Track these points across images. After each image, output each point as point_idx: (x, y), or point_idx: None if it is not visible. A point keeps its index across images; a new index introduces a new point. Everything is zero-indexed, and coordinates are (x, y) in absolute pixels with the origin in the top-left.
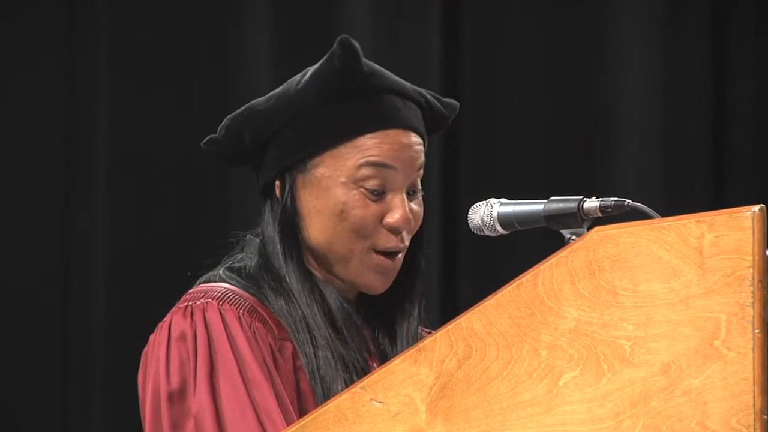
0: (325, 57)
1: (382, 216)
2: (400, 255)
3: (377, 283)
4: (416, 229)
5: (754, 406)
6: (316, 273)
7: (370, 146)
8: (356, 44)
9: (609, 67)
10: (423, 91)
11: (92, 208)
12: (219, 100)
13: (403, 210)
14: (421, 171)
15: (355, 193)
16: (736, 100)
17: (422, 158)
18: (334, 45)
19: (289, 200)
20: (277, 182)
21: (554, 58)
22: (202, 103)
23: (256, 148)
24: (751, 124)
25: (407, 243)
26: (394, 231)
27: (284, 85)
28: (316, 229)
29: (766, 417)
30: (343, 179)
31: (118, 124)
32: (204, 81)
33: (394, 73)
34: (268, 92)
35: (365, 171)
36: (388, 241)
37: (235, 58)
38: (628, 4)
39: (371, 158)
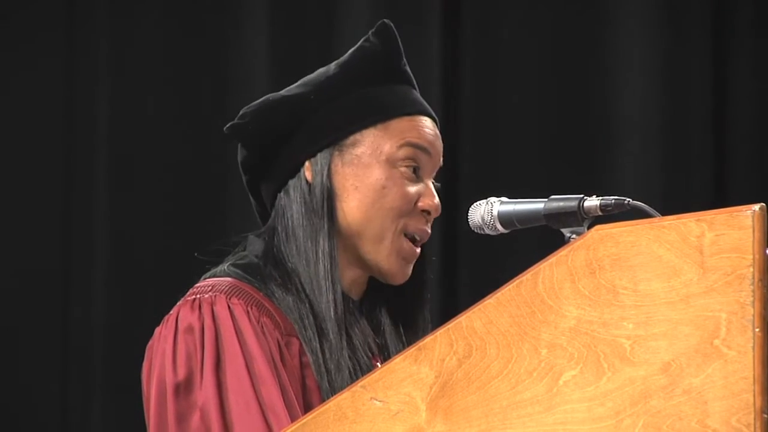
0: (363, 41)
1: (417, 199)
2: (419, 247)
3: (401, 271)
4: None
5: (754, 404)
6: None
7: (409, 128)
8: (396, 32)
9: (609, 67)
10: None
11: (92, 208)
12: (218, 100)
13: (435, 196)
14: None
15: (395, 172)
16: (736, 100)
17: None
18: (375, 28)
19: (324, 177)
20: (307, 163)
21: (554, 58)
22: (201, 103)
23: (285, 133)
24: (751, 124)
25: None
26: (426, 215)
27: (311, 76)
28: (354, 206)
29: (766, 416)
30: (383, 157)
31: (118, 124)
32: (203, 81)
33: None
34: (267, 93)
35: (405, 151)
36: (420, 224)
37: (234, 58)
38: (628, 3)
39: (412, 139)
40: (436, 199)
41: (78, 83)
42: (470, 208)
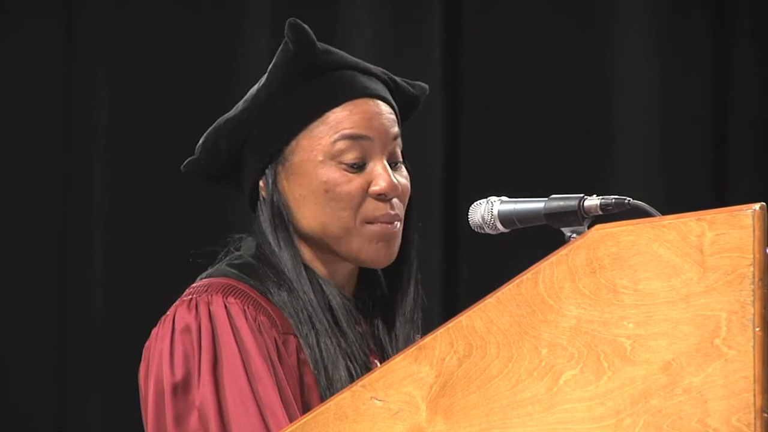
0: (282, 47)
1: (368, 187)
2: (397, 223)
3: (380, 252)
4: (405, 201)
5: (754, 404)
6: (315, 267)
7: (340, 120)
8: (305, 25)
9: (610, 67)
10: (385, 71)
11: (91, 208)
12: (219, 100)
13: (386, 176)
14: (399, 141)
15: (335, 169)
16: (736, 100)
17: (396, 128)
18: (285, 29)
19: (274, 195)
20: (261, 182)
21: (555, 58)
22: (202, 103)
23: (233, 158)
24: (751, 123)
25: (400, 213)
26: (382, 198)
27: (249, 92)
28: (307, 215)
29: (766, 415)
30: (320, 158)
31: (118, 123)
32: (204, 81)
33: (396, 71)
34: None
35: (341, 145)
36: (378, 210)
37: (235, 58)
38: (630, 2)
39: (344, 131)
40: (387, 179)
41: (77, 82)
42: (470, 208)
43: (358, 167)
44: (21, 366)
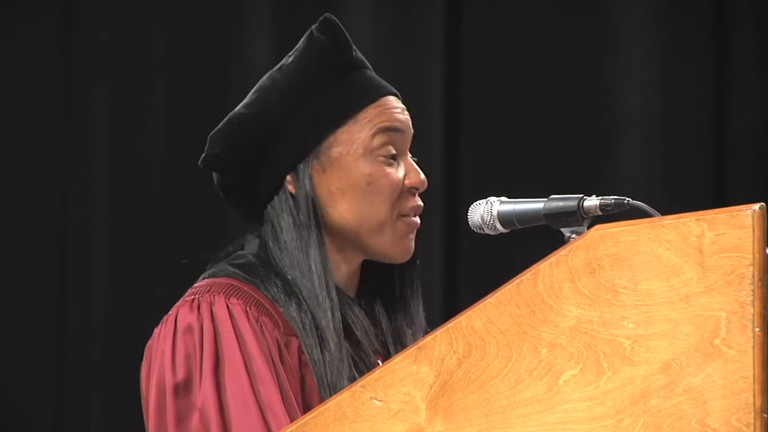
0: (308, 40)
1: (402, 180)
2: (418, 216)
3: (409, 248)
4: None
5: (754, 404)
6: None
7: (376, 114)
8: (339, 23)
9: (610, 67)
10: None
11: (91, 208)
12: (219, 98)
13: (417, 170)
14: None
15: (375, 162)
16: (736, 100)
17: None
18: (319, 25)
19: (308, 188)
20: (289, 177)
21: (555, 58)
22: (202, 101)
23: (258, 152)
24: (752, 123)
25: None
26: (413, 192)
27: (261, 86)
28: (343, 209)
29: (766, 415)
30: (361, 151)
31: (118, 124)
32: (204, 79)
33: (396, 70)
34: None
35: (379, 139)
36: (411, 203)
37: (236, 56)
38: (630, 3)
39: (382, 125)
40: (421, 174)
41: (77, 83)
42: (470, 208)
43: (394, 159)
44: (21, 366)
